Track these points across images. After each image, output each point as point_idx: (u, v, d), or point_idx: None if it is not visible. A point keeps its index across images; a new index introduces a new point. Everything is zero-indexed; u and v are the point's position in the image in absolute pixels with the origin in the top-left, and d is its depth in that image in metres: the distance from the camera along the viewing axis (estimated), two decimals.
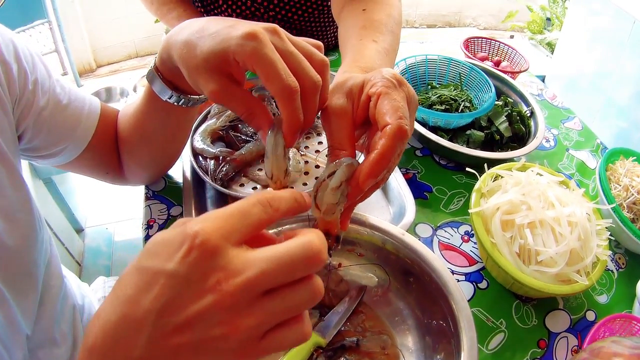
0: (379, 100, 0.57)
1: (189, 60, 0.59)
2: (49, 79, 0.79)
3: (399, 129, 0.53)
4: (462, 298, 0.72)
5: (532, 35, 4.06)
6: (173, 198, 1.06)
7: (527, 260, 0.86)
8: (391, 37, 0.87)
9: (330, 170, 0.57)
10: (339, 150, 0.59)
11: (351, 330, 0.79)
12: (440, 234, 1.02)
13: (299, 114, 0.54)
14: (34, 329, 0.75)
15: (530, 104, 1.29)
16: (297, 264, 0.39)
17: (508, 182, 0.94)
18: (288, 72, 0.53)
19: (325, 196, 0.57)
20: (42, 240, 0.77)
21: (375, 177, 0.54)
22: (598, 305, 0.94)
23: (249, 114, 0.57)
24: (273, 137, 0.56)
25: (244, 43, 0.53)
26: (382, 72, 0.60)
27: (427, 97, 1.27)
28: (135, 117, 0.87)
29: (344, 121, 0.61)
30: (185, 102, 0.77)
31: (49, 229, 1.85)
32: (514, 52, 1.72)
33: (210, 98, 0.57)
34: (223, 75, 0.57)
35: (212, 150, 1.00)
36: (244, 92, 0.57)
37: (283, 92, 0.52)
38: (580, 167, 1.27)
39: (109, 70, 4.40)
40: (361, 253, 0.85)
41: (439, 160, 1.21)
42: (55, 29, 3.36)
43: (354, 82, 0.62)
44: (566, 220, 0.86)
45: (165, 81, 0.74)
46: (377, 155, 0.53)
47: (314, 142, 1.07)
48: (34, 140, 0.79)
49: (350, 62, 0.77)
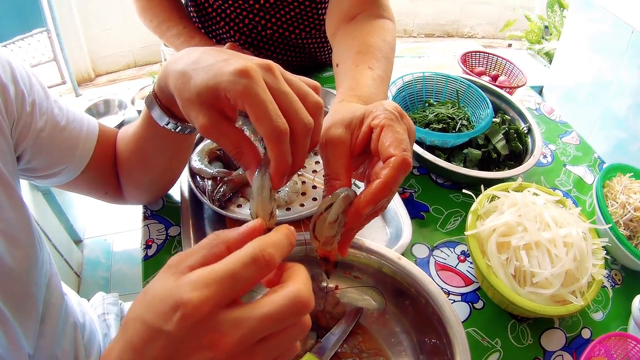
0: (382, 132, 0.59)
1: (182, 91, 0.59)
2: (47, 100, 0.79)
3: (404, 161, 0.56)
4: (457, 322, 0.72)
5: (530, 45, 4.06)
6: (171, 218, 1.05)
7: (522, 281, 0.86)
8: (386, 64, 0.88)
9: (326, 204, 0.58)
10: (334, 180, 0.60)
11: (348, 352, 0.79)
12: (436, 254, 1.02)
13: (287, 156, 0.54)
14: (35, 348, 0.75)
15: (528, 120, 1.29)
16: (286, 318, 0.41)
17: (504, 203, 0.95)
18: (278, 113, 0.52)
19: (324, 230, 0.58)
20: (42, 260, 0.77)
21: (375, 203, 0.56)
22: (594, 322, 0.94)
23: (237, 152, 0.57)
24: (260, 178, 0.56)
25: (235, 80, 0.52)
26: (384, 105, 0.62)
27: (424, 116, 1.27)
28: (134, 141, 0.87)
29: (342, 151, 0.62)
30: (182, 129, 0.76)
31: (47, 243, 1.85)
32: (512, 66, 1.73)
33: (200, 132, 0.56)
34: (214, 110, 0.56)
35: (209, 171, 1.01)
36: (233, 129, 0.57)
37: (272, 134, 0.52)
38: (577, 183, 1.27)
39: (107, 79, 4.40)
40: (358, 276, 0.84)
41: (435, 179, 1.21)
42: (54, 38, 3.38)
43: (354, 113, 0.64)
44: (562, 241, 0.86)
45: (163, 108, 0.73)
46: (380, 184, 0.55)
47: (311, 161, 1.08)
48: (32, 161, 0.79)
49: (347, 90, 0.78)
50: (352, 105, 0.70)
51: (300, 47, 1.49)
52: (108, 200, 1.00)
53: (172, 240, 1.00)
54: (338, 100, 0.76)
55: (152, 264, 0.96)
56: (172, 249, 0.99)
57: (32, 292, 0.74)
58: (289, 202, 0.97)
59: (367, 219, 0.62)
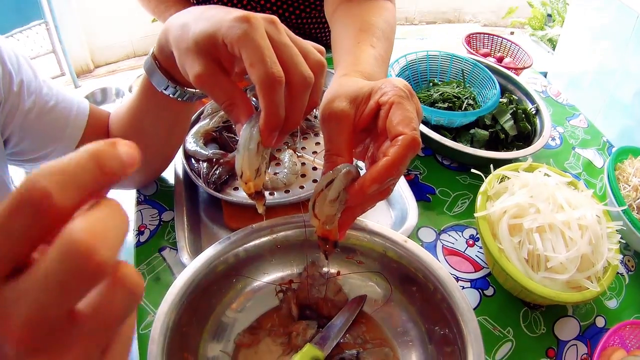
0: (391, 109, 0.56)
1: (180, 42, 0.58)
2: (35, 80, 0.78)
3: (413, 140, 0.53)
4: (469, 309, 0.68)
5: (533, 31, 4.04)
6: (165, 203, 1.02)
7: (536, 266, 0.82)
8: (387, 44, 0.86)
9: (327, 180, 0.55)
10: (335, 156, 0.58)
11: (351, 342, 0.75)
12: (444, 238, 0.99)
13: (279, 108, 0.52)
14: None
15: (535, 101, 1.26)
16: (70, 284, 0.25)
17: (515, 183, 0.91)
18: (274, 60, 0.51)
19: (325, 208, 0.56)
20: None
21: (381, 182, 0.53)
22: (608, 310, 0.91)
23: (229, 104, 0.55)
24: (248, 129, 0.53)
25: (235, 25, 0.52)
26: (394, 82, 0.59)
27: (429, 95, 1.23)
28: (130, 114, 0.85)
29: (344, 126, 0.60)
30: (181, 94, 0.75)
31: None
32: (517, 48, 1.69)
33: (194, 82, 0.55)
34: (210, 59, 0.55)
35: (204, 153, 0.98)
36: (229, 80, 0.55)
37: (264, 80, 0.50)
38: (587, 166, 1.24)
39: (106, 70, 4.40)
40: (361, 261, 0.81)
41: (441, 160, 1.17)
42: (52, 30, 3.39)
43: (361, 88, 0.61)
44: (576, 224, 0.83)
45: (162, 70, 0.72)
46: (387, 162, 0.53)
47: (311, 142, 1.05)
48: (20, 143, 0.77)
49: (349, 65, 0.75)
50: (357, 80, 0.67)
51: (300, 29, 1.47)
52: None
53: (166, 226, 0.97)
54: (341, 74, 0.73)
55: (144, 250, 0.93)
56: (165, 235, 0.95)
57: None
58: (287, 183, 0.94)
59: (370, 200, 0.60)
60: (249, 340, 0.75)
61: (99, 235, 0.25)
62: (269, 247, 0.79)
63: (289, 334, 0.75)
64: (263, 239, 0.78)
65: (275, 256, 0.81)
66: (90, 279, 0.25)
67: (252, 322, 0.77)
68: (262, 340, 0.75)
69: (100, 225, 0.25)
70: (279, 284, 0.80)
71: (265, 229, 0.78)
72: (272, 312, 0.79)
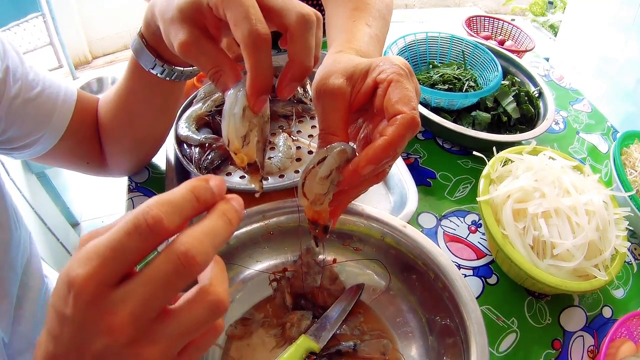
0: (389, 87, 0.54)
1: (165, 12, 0.56)
2: (22, 66, 0.77)
3: (412, 119, 0.51)
4: (472, 299, 0.66)
5: (535, 17, 4.02)
6: (157, 190, 1.00)
7: (541, 253, 0.79)
8: (383, 24, 0.83)
9: (320, 157, 0.53)
10: (330, 135, 0.56)
11: (348, 334, 0.73)
12: (445, 224, 0.96)
13: (266, 69, 0.49)
14: (11, 335, 0.75)
15: (538, 84, 1.22)
16: (172, 281, 0.34)
17: (519, 167, 0.88)
18: (260, 18, 0.48)
19: (314, 185, 0.53)
20: (18, 240, 0.76)
21: (377, 163, 0.51)
22: (615, 300, 0.88)
23: (215, 71, 0.52)
24: (234, 93, 0.49)
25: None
26: (392, 60, 0.57)
27: (429, 77, 1.20)
28: (118, 97, 0.84)
29: (340, 103, 0.57)
30: (169, 73, 0.74)
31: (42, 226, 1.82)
32: (518, 32, 1.66)
33: (178, 52, 0.53)
34: (196, 26, 0.53)
35: (196, 137, 0.96)
36: (215, 47, 0.53)
37: (248, 38, 0.47)
38: (592, 151, 1.21)
39: (104, 61, 4.40)
40: (358, 247, 0.79)
41: (442, 143, 1.15)
42: (49, 22, 3.37)
43: (358, 64, 0.59)
44: (583, 209, 0.80)
45: (150, 49, 0.72)
46: (384, 142, 0.50)
47: (307, 126, 1.02)
48: (7, 131, 0.76)
49: (344, 42, 0.72)
50: (353, 57, 0.65)
51: None
52: (91, 171, 0.97)
53: None
54: (336, 50, 0.70)
55: None
56: None
57: (6, 274, 0.73)
58: (282, 168, 0.91)
59: (364, 184, 0.58)
60: (241, 332, 0.73)
61: (197, 244, 0.34)
62: (262, 233, 0.77)
63: (283, 325, 0.73)
64: (255, 225, 0.76)
65: (268, 243, 0.78)
66: (186, 277, 0.34)
67: (244, 312, 0.75)
68: (254, 331, 0.73)
69: (200, 237, 0.35)
70: (272, 273, 0.78)
71: (257, 215, 0.75)
72: (265, 302, 0.77)
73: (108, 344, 0.33)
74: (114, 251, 0.33)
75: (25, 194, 1.85)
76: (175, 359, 0.37)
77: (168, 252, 0.34)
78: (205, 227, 0.36)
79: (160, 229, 0.34)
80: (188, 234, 0.35)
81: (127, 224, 0.33)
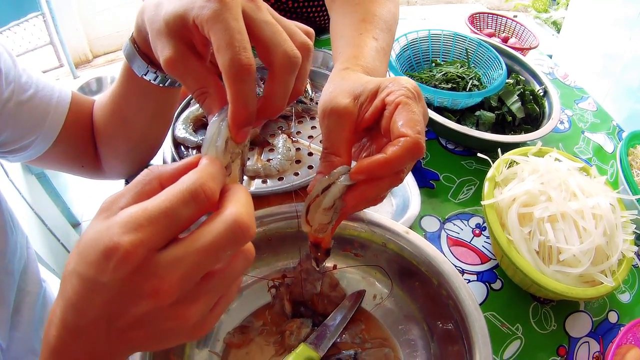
0: (396, 109, 0.54)
1: (153, 23, 0.54)
2: (15, 68, 0.75)
3: (416, 144, 0.51)
4: (476, 307, 0.64)
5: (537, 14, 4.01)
6: None
7: (547, 259, 0.78)
8: (389, 37, 0.83)
9: (324, 185, 0.53)
10: (334, 155, 0.57)
11: (348, 342, 0.72)
12: (448, 227, 0.95)
13: (248, 100, 0.46)
14: (9, 341, 0.74)
15: (543, 82, 1.21)
16: (225, 247, 0.37)
17: (524, 169, 0.86)
18: (245, 45, 0.45)
19: (317, 216, 0.54)
20: (14, 245, 0.76)
21: (369, 175, 0.52)
22: (621, 305, 0.87)
23: (201, 93, 0.50)
24: (217, 123, 0.47)
25: (206, 5, 0.46)
26: (402, 81, 0.57)
27: (432, 76, 1.19)
28: (112, 101, 0.83)
29: (346, 124, 0.57)
30: (162, 80, 0.72)
31: (42, 227, 1.82)
32: (522, 29, 1.64)
33: (164, 67, 0.50)
34: (182, 41, 0.50)
35: (194, 139, 0.96)
36: (202, 66, 0.50)
37: (230, 68, 0.45)
38: (597, 151, 1.19)
39: (105, 60, 4.40)
40: (359, 253, 0.78)
41: (445, 144, 1.13)
42: (49, 22, 3.37)
43: (366, 85, 0.59)
44: (590, 213, 0.78)
45: (142, 55, 0.69)
46: (382, 158, 0.51)
47: (306, 126, 1.02)
48: (0, 134, 0.76)
49: (351, 57, 0.71)
50: (361, 76, 0.65)
51: (298, 14, 1.43)
52: (86, 174, 0.96)
53: None
54: (342, 67, 0.69)
55: None
56: None
57: (1, 279, 0.73)
58: (281, 170, 0.90)
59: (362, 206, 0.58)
60: (239, 340, 0.72)
61: (252, 217, 0.38)
62: (260, 239, 0.75)
63: (282, 333, 0.72)
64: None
65: (267, 249, 0.77)
66: (240, 246, 0.38)
67: (243, 320, 0.74)
68: (253, 340, 0.72)
69: (250, 210, 0.39)
70: (271, 279, 0.77)
71: (255, 220, 0.73)
72: (263, 310, 0.76)
73: (151, 307, 0.35)
74: (168, 218, 0.35)
75: (25, 194, 1.84)
76: (208, 313, 0.40)
77: (222, 220, 0.37)
78: (246, 199, 0.40)
79: (213, 200, 0.38)
80: (235, 205, 0.38)
81: (182, 193, 0.36)
